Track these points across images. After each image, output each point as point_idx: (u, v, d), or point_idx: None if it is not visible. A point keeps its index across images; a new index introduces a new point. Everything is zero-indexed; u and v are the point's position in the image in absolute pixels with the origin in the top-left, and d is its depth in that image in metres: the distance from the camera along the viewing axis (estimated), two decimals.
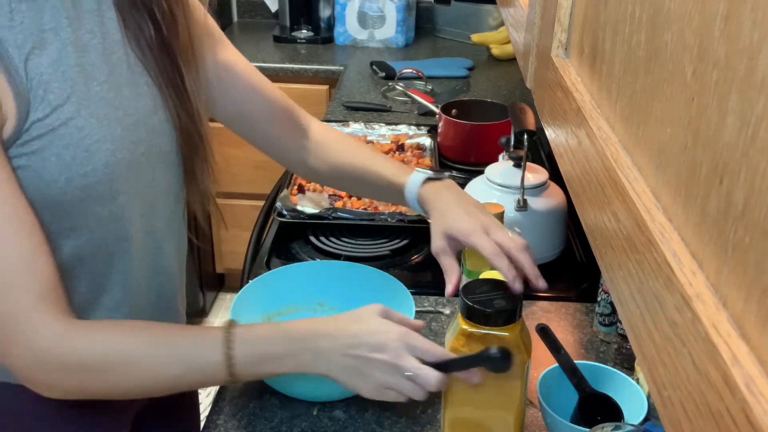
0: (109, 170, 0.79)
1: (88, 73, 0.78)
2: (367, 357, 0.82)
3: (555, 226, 1.34)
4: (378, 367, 0.82)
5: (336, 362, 0.83)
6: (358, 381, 0.84)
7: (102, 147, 0.78)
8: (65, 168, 0.76)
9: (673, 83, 0.38)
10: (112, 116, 0.80)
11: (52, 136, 0.75)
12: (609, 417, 0.90)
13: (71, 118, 0.76)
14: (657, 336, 0.36)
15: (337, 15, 2.75)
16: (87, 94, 0.78)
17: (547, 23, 0.72)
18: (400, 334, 0.83)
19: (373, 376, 0.83)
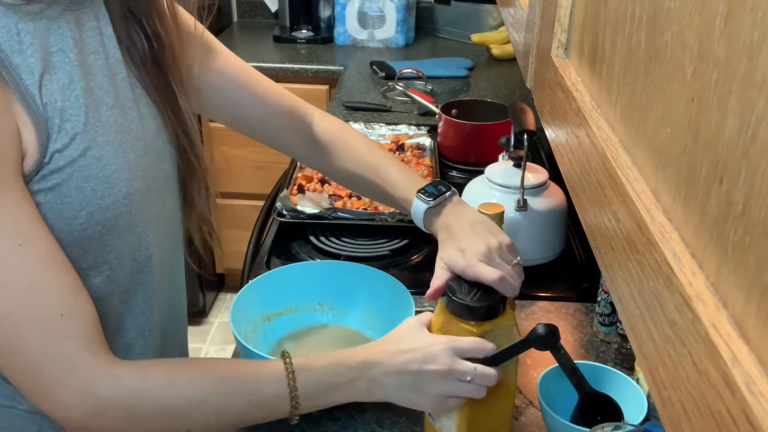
0: (128, 201, 0.75)
1: (97, 97, 0.74)
2: (421, 371, 0.82)
3: (555, 226, 1.34)
4: (433, 379, 0.82)
5: (391, 385, 0.83)
6: (418, 398, 0.84)
7: (121, 177, 0.74)
8: (86, 202, 0.71)
9: (673, 83, 0.38)
10: (125, 142, 0.76)
11: (71, 168, 0.70)
12: (609, 417, 0.90)
13: (89, 148, 0.71)
14: (657, 336, 0.36)
15: (337, 15, 2.75)
16: (99, 121, 0.73)
17: (547, 23, 0.72)
18: (446, 342, 0.83)
19: (431, 389, 0.83)
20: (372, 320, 1.15)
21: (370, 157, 1.07)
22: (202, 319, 2.84)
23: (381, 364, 0.83)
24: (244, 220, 2.57)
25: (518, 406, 1.03)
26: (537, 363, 1.11)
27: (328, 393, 0.83)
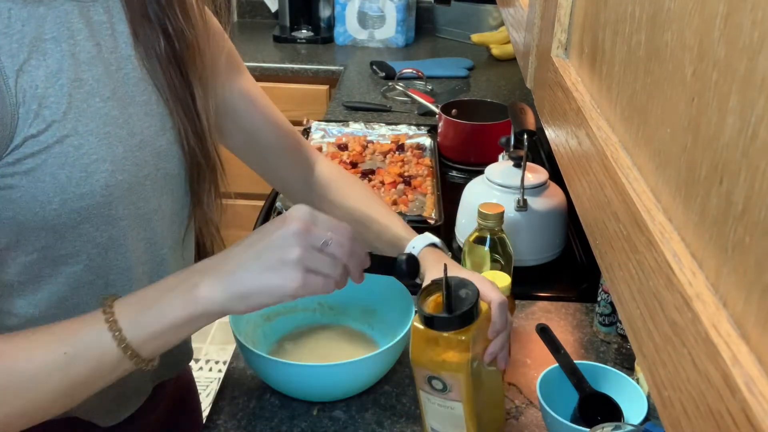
0: (108, 192, 0.74)
1: (90, 88, 0.73)
2: (271, 239, 0.69)
3: (555, 226, 1.34)
4: (288, 243, 0.69)
5: (234, 270, 0.69)
6: (271, 277, 0.68)
7: (101, 167, 0.73)
8: (60, 189, 0.71)
9: (673, 83, 0.38)
10: (114, 135, 0.75)
11: (46, 154, 0.70)
12: (609, 417, 0.90)
13: (67, 136, 0.71)
14: (657, 336, 0.36)
15: (337, 15, 2.75)
16: (86, 111, 0.73)
17: (547, 23, 0.72)
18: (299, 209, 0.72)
19: (287, 255, 0.68)
20: (372, 320, 1.15)
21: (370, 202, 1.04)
22: None
23: (215, 256, 0.72)
24: (244, 220, 2.57)
25: (518, 406, 1.03)
26: (537, 363, 1.11)
27: (157, 310, 0.68)
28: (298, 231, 0.69)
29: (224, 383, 1.08)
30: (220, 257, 0.71)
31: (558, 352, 1.00)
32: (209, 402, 2.45)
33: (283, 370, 0.99)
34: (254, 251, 0.69)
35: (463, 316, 0.80)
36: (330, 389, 1.01)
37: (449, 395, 0.85)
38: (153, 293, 0.69)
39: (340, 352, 1.12)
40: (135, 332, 0.67)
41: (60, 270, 0.76)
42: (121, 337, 0.66)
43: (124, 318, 0.67)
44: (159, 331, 0.68)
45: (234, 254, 0.71)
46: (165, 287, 0.69)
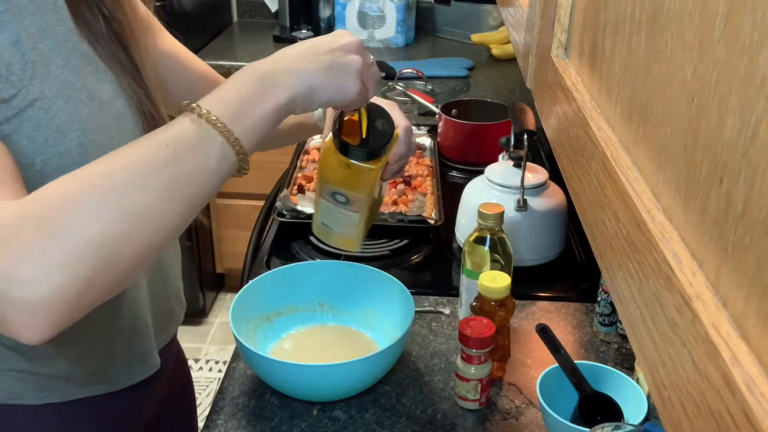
0: (83, 150, 0.76)
1: (46, 57, 0.76)
2: (334, 48, 0.79)
3: (555, 226, 1.34)
4: (349, 53, 0.79)
5: (310, 67, 0.77)
6: (344, 77, 0.79)
7: (72, 127, 0.75)
8: (39, 150, 0.73)
9: (673, 83, 0.38)
10: (76, 98, 0.78)
11: (20, 118, 0.72)
12: (609, 417, 0.90)
13: (36, 99, 0.73)
14: (657, 336, 0.36)
15: (337, 15, 2.75)
16: (48, 77, 0.75)
17: (547, 23, 0.72)
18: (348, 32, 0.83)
19: (351, 65, 0.79)
20: (372, 320, 1.15)
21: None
22: (202, 319, 2.84)
23: (289, 54, 0.78)
24: (244, 220, 2.57)
25: (518, 406, 1.03)
26: (537, 363, 1.11)
27: (249, 106, 0.72)
28: (360, 45, 0.81)
29: (224, 383, 1.08)
30: (286, 59, 0.78)
31: (558, 352, 1.00)
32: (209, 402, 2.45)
33: (283, 370, 0.99)
34: (322, 55, 0.78)
35: (378, 150, 0.86)
36: (330, 389, 1.01)
37: (350, 207, 0.90)
38: (234, 96, 0.73)
39: (340, 352, 1.12)
40: (233, 124, 0.70)
41: None
42: (222, 127, 0.69)
43: (217, 112, 0.70)
44: (253, 123, 0.72)
45: (302, 54, 0.78)
46: (244, 90, 0.73)
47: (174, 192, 0.67)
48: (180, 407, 1.15)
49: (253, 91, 0.73)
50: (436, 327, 1.20)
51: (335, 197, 0.88)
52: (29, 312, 0.60)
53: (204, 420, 1.03)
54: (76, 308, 0.62)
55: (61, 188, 0.64)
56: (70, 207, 0.62)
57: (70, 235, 0.61)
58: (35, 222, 0.61)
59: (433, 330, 1.19)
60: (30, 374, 0.83)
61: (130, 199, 0.65)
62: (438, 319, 1.21)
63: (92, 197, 0.63)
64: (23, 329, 0.61)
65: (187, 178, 0.68)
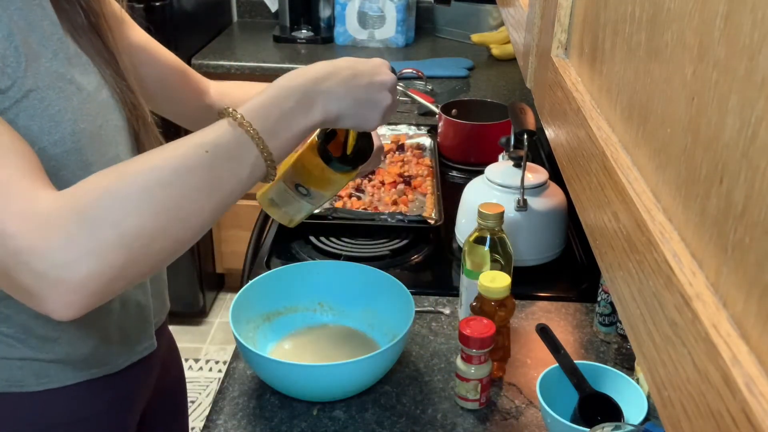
0: (76, 138, 0.80)
1: (36, 50, 0.79)
2: (371, 84, 0.83)
3: (555, 226, 1.34)
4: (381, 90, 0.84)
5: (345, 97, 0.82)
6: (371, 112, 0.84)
7: (65, 117, 0.79)
8: (35, 139, 0.76)
9: (673, 83, 0.38)
10: (66, 89, 0.80)
11: (17, 108, 0.75)
12: (609, 417, 0.90)
13: (30, 90, 0.76)
14: (657, 336, 0.36)
15: (337, 15, 2.75)
16: (39, 69, 0.78)
17: (547, 23, 0.72)
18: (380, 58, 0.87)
19: (381, 100, 0.84)
20: (372, 320, 1.15)
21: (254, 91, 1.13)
22: (202, 319, 2.84)
23: (333, 74, 0.82)
24: (244, 220, 2.57)
25: (518, 406, 1.03)
26: (537, 363, 1.11)
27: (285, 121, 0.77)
28: (394, 85, 0.85)
29: (224, 383, 1.08)
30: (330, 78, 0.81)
31: (558, 352, 1.00)
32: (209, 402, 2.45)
33: (283, 370, 0.99)
34: (361, 87, 0.82)
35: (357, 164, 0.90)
36: (330, 389, 1.01)
37: (307, 200, 0.93)
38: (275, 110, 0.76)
39: (340, 352, 1.12)
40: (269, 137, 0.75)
41: None
42: (259, 140, 0.74)
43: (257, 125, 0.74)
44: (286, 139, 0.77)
45: (344, 79, 0.82)
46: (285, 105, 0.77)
47: (207, 194, 0.72)
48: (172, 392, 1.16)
49: (293, 107, 0.77)
50: (436, 327, 1.20)
51: (298, 188, 0.92)
52: (65, 292, 0.65)
53: (204, 420, 1.03)
54: (108, 292, 0.68)
55: (100, 182, 0.68)
56: (109, 201, 0.67)
57: (106, 227, 0.66)
58: (75, 212, 0.65)
59: (433, 330, 1.19)
60: (30, 361, 0.85)
61: (165, 198, 0.69)
62: (438, 319, 1.21)
63: (129, 193, 0.67)
64: (58, 307, 0.65)
65: (220, 183, 0.72)
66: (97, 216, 0.66)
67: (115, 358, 0.94)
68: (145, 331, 0.98)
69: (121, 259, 0.66)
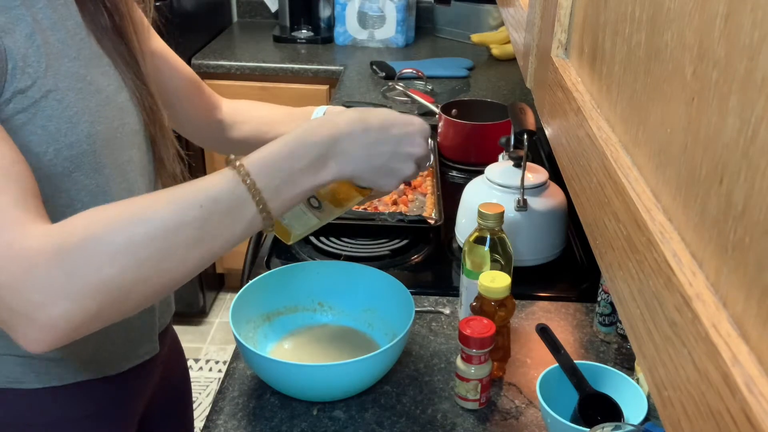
0: (92, 141, 0.80)
1: (59, 49, 0.79)
2: (396, 153, 0.81)
3: (555, 226, 1.34)
4: (406, 161, 0.81)
5: (360, 159, 0.79)
6: (382, 178, 0.82)
7: (82, 119, 0.79)
8: (52, 139, 0.76)
9: (673, 83, 0.38)
10: (86, 90, 0.81)
11: (35, 108, 0.75)
12: (609, 417, 0.90)
13: (50, 91, 0.76)
14: (657, 336, 0.36)
15: (337, 15, 2.75)
16: (60, 69, 0.78)
17: (547, 23, 0.72)
18: (422, 123, 0.84)
19: (400, 174, 0.82)
20: (372, 320, 1.15)
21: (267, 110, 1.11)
22: (202, 319, 2.84)
23: (355, 136, 0.78)
24: None
25: (518, 406, 1.03)
26: (537, 363, 1.11)
27: (291, 180, 0.74)
28: (425, 157, 0.82)
29: (224, 383, 1.08)
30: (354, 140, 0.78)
31: (558, 352, 1.00)
32: (209, 402, 2.45)
33: (283, 370, 0.99)
34: (384, 154, 0.80)
35: None
36: (330, 389, 1.01)
37: (316, 213, 0.90)
38: (285, 166, 0.74)
39: (340, 352, 1.12)
40: (272, 197, 0.73)
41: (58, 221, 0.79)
42: (261, 200, 0.72)
43: (261, 182, 0.72)
44: (290, 198, 0.76)
45: (369, 142, 0.79)
46: (298, 163, 0.75)
47: (196, 249, 0.70)
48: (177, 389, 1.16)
49: (306, 165, 0.75)
50: (436, 327, 1.20)
51: (310, 200, 0.89)
52: (37, 329, 0.65)
53: (204, 420, 1.03)
54: (82, 332, 0.67)
55: (89, 226, 0.67)
56: (93, 247, 0.65)
57: (87, 273, 0.65)
58: (59, 253, 0.64)
59: (433, 330, 1.19)
60: (30, 358, 0.85)
61: (152, 251, 0.67)
62: (438, 319, 1.21)
63: (115, 243, 0.66)
64: (29, 342, 0.66)
65: (212, 238, 0.71)
66: (79, 260, 0.65)
67: (117, 360, 0.94)
68: (148, 334, 0.98)
69: (96, 306, 0.65)
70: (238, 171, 0.71)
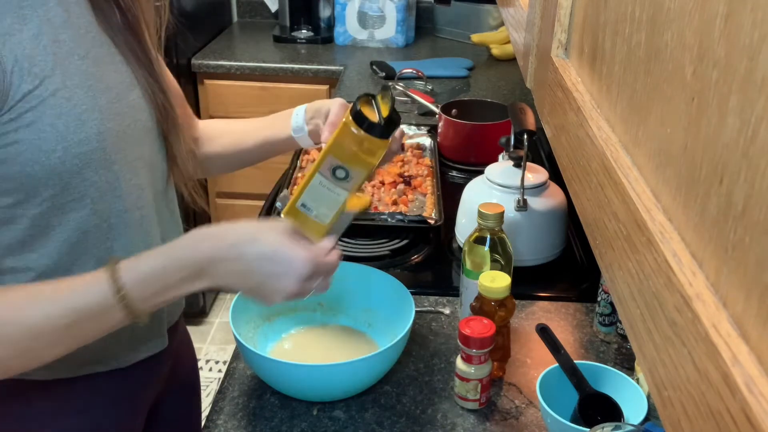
0: (102, 138, 0.82)
1: (68, 48, 0.80)
2: (264, 283, 0.81)
3: (555, 226, 1.34)
4: (279, 290, 0.81)
5: (234, 281, 0.81)
6: (260, 299, 0.83)
7: (92, 116, 0.81)
8: (61, 137, 0.78)
9: (673, 83, 0.38)
10: (96, 88, 0.82)
11: (43, 106, 0.77)
12: (609, 417, 0.90)
13: (58, 89, 0.78)
14: (657, 336, 0.36)
15: (337, 15, 2.75)
16: (68, 68, 0.80)
17: (547, 23, 0.72)
18: (303, 264, 0.81)
19: (272, 299, 0.82)
20: (372, 320, 1.15)
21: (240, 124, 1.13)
22: (202, 319, 2.84)
23: (228, 262, 0.80)
24: None
25: (518, 406, 1.03)
26: (537, 363, 1.11)
27: (163, 288, 0.79)
28: (294, 293, 0.81)
29: (224, 383, 1.08)
30: (230, 259, 0.80)
31: (558, 352, 1.00)
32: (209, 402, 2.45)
33: (283, 370, 0.99)
34: (252, 280, 0.81)
35: (392, 129, 0.91)
36: (330, 389, 1.01)
37: (344, 184, 0.92)
38: (160, 280, 0.78)
39: (340, 352, 1.12)
40: (143, 303, 0.77)
41: (68, 217, 0.83)
42: (131, 306, 0.76)
43: (134, 293, 0.77)
44: (161, 302, 0.80)
45: (237, 271, 0.81)
46: (172, 278, 0.79)
47: (64, 344, 0.78)
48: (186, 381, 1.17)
49: (179, 280, 0.79)
50: (436, 327, 1.20)
51: (335, 172, 0.92)
52: None
53: (204, 420, 1.03)
54: None
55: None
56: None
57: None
58: None
59: (433, 330, 1.19)
60: None
61: (10, 352, 0.76)
62: (438, 319, 1.21)
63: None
64: None
65: (79, 337, 0.78)
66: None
67: (125, 353, 0.95)
68: (157, 329, 0.99)
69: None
70: (114, 281, 0.76)
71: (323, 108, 1.04)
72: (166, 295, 0.79)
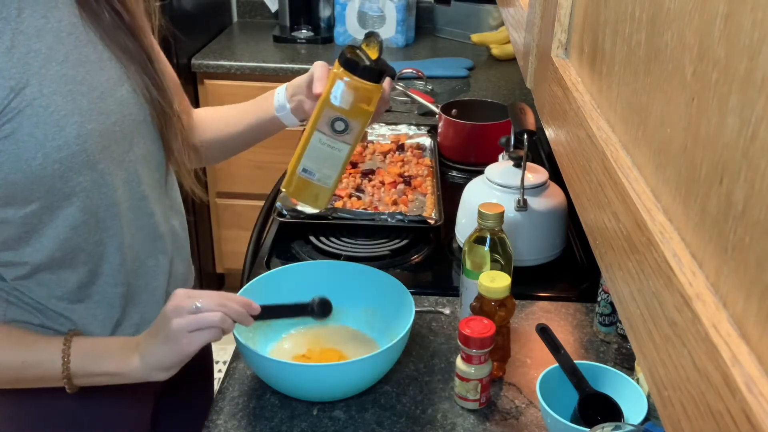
0: (82, 140, 0.83)
1: (45, 55, 0.81)
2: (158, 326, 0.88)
3: (555, 226, 1.34)
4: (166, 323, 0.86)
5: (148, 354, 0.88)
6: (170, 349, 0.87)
7: (70, 120, 0.82)
8: (40, 145, 0.80)
9: (673, 83, 0.38)
10: (76, 91, 0.83)
11: (21, 117, 0.78)
12: (609, 417, 0.90)
13: (35, 98, 0.79)
14: (657, 336, 0.36)
15: (337, 15, 2.75)
16: (45, 76, 0.81)
17: (547, 23, 0.72)
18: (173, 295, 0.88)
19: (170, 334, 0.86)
20: (372, 320, 1.15)
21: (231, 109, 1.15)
22: None
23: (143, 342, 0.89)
24: (244, 220, 2.57)
25: (518, 406, 1.03)
26: (537, 363, 1.11)
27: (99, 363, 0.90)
28: (170, 309, 0.87)
29: (224, 383, 1.08)
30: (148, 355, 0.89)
31: (558, 352, 1.00)
32: None
33: (283, 370, 0.99)
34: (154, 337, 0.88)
35: (384, 71, 0.94)
36: (330, 389, 1.01)
37: (344, 137, 0.93)
38: (103, 347, 0.91)
39: (340, 352, 1.12)
40: (77, 370, 0.89)
41: (57, 214, 0.86)
42: (66, 369, 0.88)
43: (75, 357, 0.88)
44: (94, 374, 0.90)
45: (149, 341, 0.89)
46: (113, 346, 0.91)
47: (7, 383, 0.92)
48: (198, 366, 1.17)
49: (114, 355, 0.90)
50: (436, 327, 1.20)
51: (333, 125, 0.93)
52: None
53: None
54: None
55: None
56: None
57: None
58: None
59: (433, 330, 1.19)
60: (46, 329, 0.92)
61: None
62: (438, 319, 1.21)
63: None
64: None
65: (20, 382, 0.91)
66: None
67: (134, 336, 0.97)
68: None
69: None
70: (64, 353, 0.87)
71: (303, 82, 1.05)
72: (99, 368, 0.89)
